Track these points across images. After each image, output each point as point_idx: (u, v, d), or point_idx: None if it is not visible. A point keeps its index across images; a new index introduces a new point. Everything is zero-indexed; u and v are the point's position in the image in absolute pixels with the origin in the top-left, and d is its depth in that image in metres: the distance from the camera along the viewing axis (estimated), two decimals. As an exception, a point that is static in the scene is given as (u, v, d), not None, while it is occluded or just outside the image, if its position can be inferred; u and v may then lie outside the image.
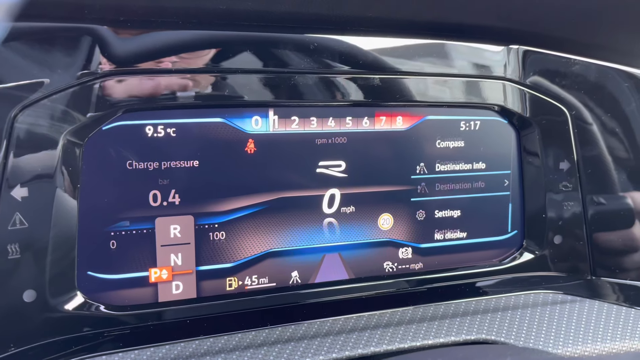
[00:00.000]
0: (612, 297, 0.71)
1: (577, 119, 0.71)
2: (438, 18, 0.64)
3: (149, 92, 0.55)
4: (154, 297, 0.59)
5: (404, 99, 0.65)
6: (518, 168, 0.73)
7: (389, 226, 0.68)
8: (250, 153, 0.61)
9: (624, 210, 0.73)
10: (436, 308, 0.66)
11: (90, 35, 0.52)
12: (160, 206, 0.58)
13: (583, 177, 0.72)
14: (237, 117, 0.60)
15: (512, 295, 0.70)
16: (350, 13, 0.61)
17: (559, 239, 0.73)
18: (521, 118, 0.70)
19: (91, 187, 0.55)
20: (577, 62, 0.70)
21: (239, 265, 0.62)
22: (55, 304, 0.53)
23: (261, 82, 0.59)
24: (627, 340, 0.64)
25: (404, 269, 0.69)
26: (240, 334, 0.58)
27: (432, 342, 0.61)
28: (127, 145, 0.56)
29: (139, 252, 0.58)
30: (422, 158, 0.68)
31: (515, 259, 0.73)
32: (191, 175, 0.59)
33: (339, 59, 0.61)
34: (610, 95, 0.71)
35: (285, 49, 0.59)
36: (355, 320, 0.62)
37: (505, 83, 0.68)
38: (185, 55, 0.56)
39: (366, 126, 0.65)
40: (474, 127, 0.70)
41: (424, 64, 0.65)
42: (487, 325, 0.64)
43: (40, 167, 0.52)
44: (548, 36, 0.68)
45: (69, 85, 0.52)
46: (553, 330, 0.64)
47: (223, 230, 0.61)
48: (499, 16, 0.65)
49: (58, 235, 0.53)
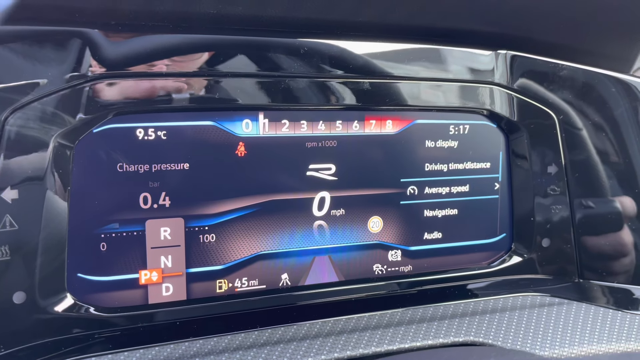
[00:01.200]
0: (599, 300, 0.72)
1: (565, 124, 0.72)
2: (427, 23, 0.65)
3: (140, 95, 0.55)
4: (144, 299, 0.59)
5: (393, 103, 0.66)
6: (507, 172, 0.73)
7: (378, 229, 0.68)
8: (240, 156, 0.61)
9: (611, 213, 0.74)
10: (425, 310, 0.66)
11: (81, 38, 0.52)
12: (151, 208, 0.58)
13: (571, 181, 0.73)
14: (227, 120, 0.60)
15: (501, 298, 0.70)
16: (340, 18, 0.61)
17: (547, 242, 0.73)
18: (509, 122, 0.71)
19: (81, 189, 0.55)
20: (565, 67, 0.71)
21: (229, 268, 0.62)
22: (45, 305, 0.54)
23: (251, 86, 0.60)
24: (614, 343, 0.65)
25: (393, 271, 0.70)
26: (230, 336, 0.58)
27: (420, 344, 0.61)
28: (117, 148, 0.56)
29: (129, 254, 0.58)
30: (411, 161, 0.69)
31: (504, 261, 0.74)
32: (182, 177, 0.59)
33: (329, 63, 0.62)
34: (598, 100, 0.72)
35: (275, 53, 0.60)
36: (345, 322, 0.63)
37: (494, 88, 0.69)
38: (175, 58, 0.56)
39: (356, 130, 0.66)
40: (463, 131, 0.71)
41: (413, 68, 0.65)
42: (476, 327, 0.64)
43: (30, 170, 0.52)
44: (536, 41, 0.69)
45: (59, 88, 0.52)
46: (540, 333, 0.65)
47: (213, 232, 0.61)
48: (488, 21, 0.66)
49: (48, 238, 0.53)
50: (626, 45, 0.72)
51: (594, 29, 0.69)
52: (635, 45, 0.71)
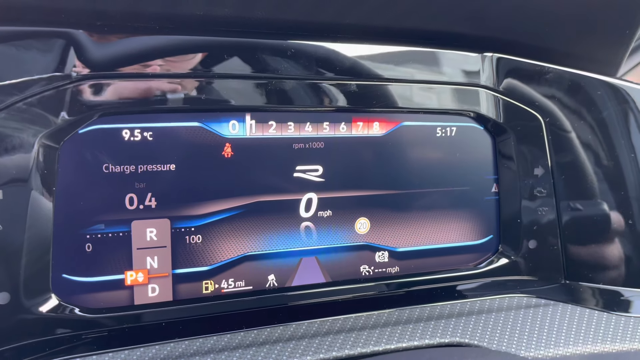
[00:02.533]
0: (584, 301, 0.72)
1: (551, 126, 0.72)
2: (414, 26, 0.65)
3: (126, 96, 0.55)
4: (129, 300, 0.59)
5: (380, 105, 0.66)
6: (494, 173, 0.74)
7: (365, 230, 0.69)
8: (227, 157, 0.61)
9: (597, 215, 0.74)
10: (412, 311, 0.66)
11: (66, 39, 0.52)
12: (137, 209, 0.58)
13: (557, 183, 0.73)
14: (214, 121, 0.60)
15: (488, 299, 0.71)
16: (327, 20, 0.61)
17: (534, 244, 0.74)
18: (496, 124, 0.71)
19: (67, 190, 0.55)
20: (551, 70, 0.71)
21: (215, 269, 0.62)
22: (30, 306, 0.53)
23: (238, 87, 0.60)
24: (599, 344, 0.65)
25: (380, 272, 0.70)
26: (216, 337, 0.58)
27: (407, 345, 0.61)
28: (103, 149, 0.56)
29: (114, 255, 0.58)
30: (398, 163, 0.69)
31: (491, 263, 0.74)
32: (168, 179, 0.59)
33: (317, 65, 0.62)
34: (584, 103, 0.73)
35: (262, 54, 0.60)
36: (331, 323, 0.63)
37: (481, 90, 0.69)
38: (162, 59, 0.56)
39: (343, 131, 0.66)
40: (450, 133, 0.71)
41: (400, 70, 0.66)
42: (462, 328, 0.65)
43: (15, 170, 0.52)
44: (522, 44, 0.70)
45: (45, 88, 0.52)
46: (526, 334, 0.65)
47: (199, 233, 0.61)
48: (475, 24, 0.66)
49: (33, 238, 0.53)
50: (612, 49, 0.72)
51: (580, 33, 0.70)
52: (621, 49, 0.72)
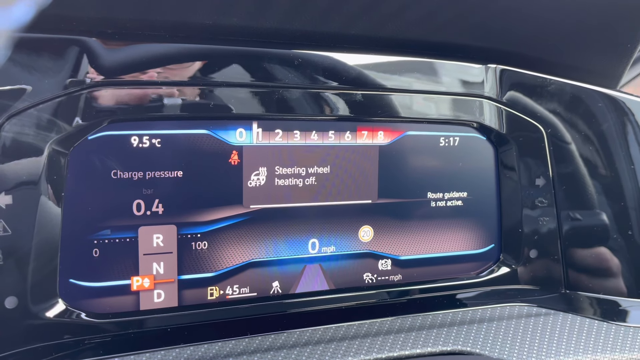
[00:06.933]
0: (585, 311, 0.73)
1: (553, 137, 0.73)
2: (419, 37, 0.66)
3: (135, 103, 0.56)
4: (135, 306, 0.60)
5: (385, 114, 0.67)
6: (496, 183, 0.74)
7: (369, 238, 0.69)
8: (234, 164, 0.62)
9: (598, 226, 0.75)
10: (414, 319, 0.67)
11: (78, 46, 0.53)
12: (144, 215, 0.59)
13: (558, 194, 0.74)
14: (221, 129, 0.61)
15: (489, 308, 0.71)
16: (334, 30, 0.62)
17: (535, 253, 0.75)
18: (499, 135, 0.72)
19: (75, 195, 0.56)
20: (553, 81, 0.72)
21: (220, 275, 0.63)
22: (37, 311, 0.54)
23: (246, 96, 0.60)
24: (599, 354, 0.66)
25: (383, 280, 0.70)
26: (221, 343, 0.59)
27: (409, 353, 0.62)
28: (112, 155, 0.57)
29: (121, 260, 0.58)
30: (402, 172, 0.70)
31: (492, 272, 0.75)
32: (175, 185, 0.60)
33: (323, 75, 0.63)
34: (585, 114, 0.74)
35: (270, 63, 0.61)
36: (335, 330, 0.63)
37: (484, 101, 0.70)
38: (171, 67, 0.57)
39: (348, 140, 0.67)
40: (453, 143, 0.72)
41: (405, 80, 0.67)
42: (464, 336, 0.65)
43: (25, 176, 0.52)
44: (525, 56, 0.71)
45: (55, 95, 0.52)
46: (527, 343, 0.65)
47: (205, 240, 0.62)
48: (478, 36, 0.67)
49: (41, 243, 0.53)
50: (613, 62, 0.73)
51: (582, 46, 0.71)
52: (622, 62, 0.73)
